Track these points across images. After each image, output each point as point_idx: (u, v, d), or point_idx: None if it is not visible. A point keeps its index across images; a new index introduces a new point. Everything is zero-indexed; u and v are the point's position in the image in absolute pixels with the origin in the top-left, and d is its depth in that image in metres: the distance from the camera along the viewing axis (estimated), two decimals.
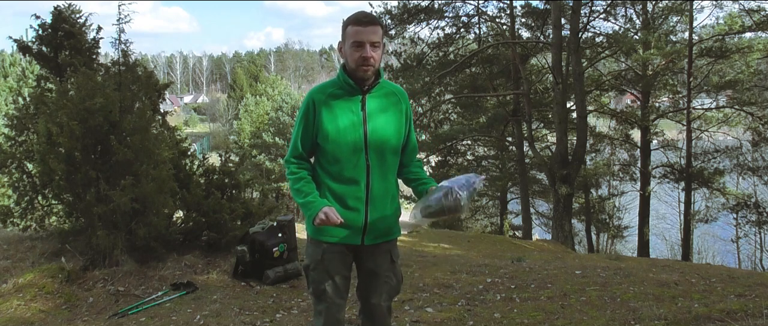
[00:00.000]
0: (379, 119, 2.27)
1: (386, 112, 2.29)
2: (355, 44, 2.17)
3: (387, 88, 2.33)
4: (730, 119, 16.83)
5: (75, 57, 6.12)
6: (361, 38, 2.15)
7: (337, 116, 2.23)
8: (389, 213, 2.35)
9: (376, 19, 2.24)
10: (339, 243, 2.32)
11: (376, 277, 2.41)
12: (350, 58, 2.20)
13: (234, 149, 29.36)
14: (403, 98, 2.36)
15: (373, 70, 2.21)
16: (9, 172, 5.70)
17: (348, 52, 2.20)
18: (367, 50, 2.16)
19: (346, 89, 2.26)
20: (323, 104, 2.25)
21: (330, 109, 2.24)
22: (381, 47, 2.22)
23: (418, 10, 17.11)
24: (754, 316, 3.32)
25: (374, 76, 2.26)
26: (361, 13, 2.23)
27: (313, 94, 2.29)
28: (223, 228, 5.61)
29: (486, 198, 21.29)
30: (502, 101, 18.30)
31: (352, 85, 2.24)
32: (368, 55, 2.16)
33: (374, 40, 2.17)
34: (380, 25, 2.23)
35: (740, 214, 16.25)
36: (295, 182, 2.30)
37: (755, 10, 14.70)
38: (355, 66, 2.19)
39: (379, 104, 2.29)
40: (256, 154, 28.22)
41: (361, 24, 2.17)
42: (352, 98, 2.26)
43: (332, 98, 2.25)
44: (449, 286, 4.84)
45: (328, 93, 2.27)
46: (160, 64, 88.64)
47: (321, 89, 2.30)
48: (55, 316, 4.30)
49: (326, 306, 2.36)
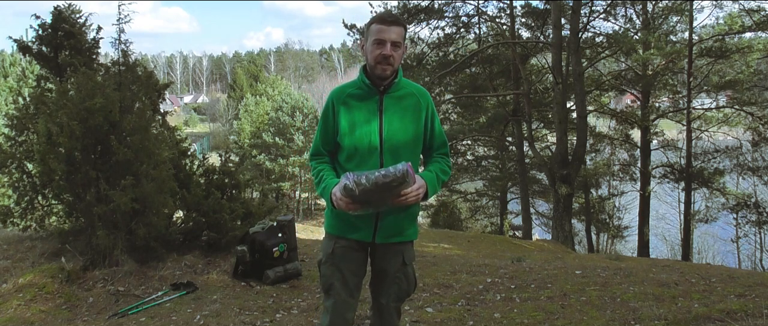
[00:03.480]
0: (395, 119, 2.29)
1: (403, 111, 2.31)
2: (377, 42, 2.21)
3: (406, 88, 2.35)
4: (730, 119, 16.83)
5: (75, 57, 6.12)
6: (383, 36, 2.20)
7: (354, 116, 2.28)
8: (402, 213, 2.35)
9: (400, 19, 2.29)
10: (351, 239, 2.35)
11: (386, 277, 2.42)
12: (371, 55, 2.24)
13: (234, 149, 29.37)
14: (423, 97, 2.36)
15: (391, 69, 2.24)
16: (9, 172, 5.69)
17: (369, 50, 2.24)
18: (388, 48, 2.20)
19: (364, 90, 2.30)
20: (342, 104, 2.30)
21: (348, 109, 2.29)
22: (402, 48, 2.26)
23: (418, 10, 17.11)
24: (754, 316, 3.33)
25: (393, 76, 2.28)
26: (386, 12, 2.30)
27: (333, 95, 2.35)
28: (223, 228, 5.61)
29: (486, 198, 21.31)
30: (502, 101, 18.30)
31: (370, 85, 2.28)
32: (388, 53, 2.20)
33: (395, 39, 2.21)
34: (403, 26, 2.27)
35: (740, 214, 16.25)
36: (315, 177, 2.36)
37: (755, 10, 14.71)
38: (374, 63, 2.23)
39: (397, 104, 2.31)
40: (256, 154, 28.22)
41: (385, 22, 2.22)
42: (370, 98, 2.30)
43: (351, 98, 2.31)
44: (449, 286, 4.84)
45: (347, 93, 2.32)
46: (160, 64, 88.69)
47: (341, 90, 2.35)
48: (55, 316, 4.29)
49: (334, 302, 2.36)
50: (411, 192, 2.15)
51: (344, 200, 2.13)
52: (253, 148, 28.75)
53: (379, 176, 2.09)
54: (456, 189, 21.17)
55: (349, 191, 2.10)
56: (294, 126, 28.22)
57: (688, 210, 16.75)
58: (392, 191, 2.12)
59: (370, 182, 2.08)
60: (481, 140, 20.02)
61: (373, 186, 2.08)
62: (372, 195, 2.12)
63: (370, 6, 17.89)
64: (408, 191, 2.14)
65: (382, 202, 2.17)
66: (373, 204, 2.16)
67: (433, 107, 2.40)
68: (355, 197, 2.11)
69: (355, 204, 2.14)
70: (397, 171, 2.09)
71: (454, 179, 20.36)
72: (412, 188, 2.15)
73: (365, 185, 2.08)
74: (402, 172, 2.08)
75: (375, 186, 2.08)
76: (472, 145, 20.33)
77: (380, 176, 2.09)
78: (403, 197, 2.15)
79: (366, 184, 2.08)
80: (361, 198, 2.12)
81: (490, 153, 20.89)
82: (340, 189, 2.14)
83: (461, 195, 21.32)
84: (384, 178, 2.08)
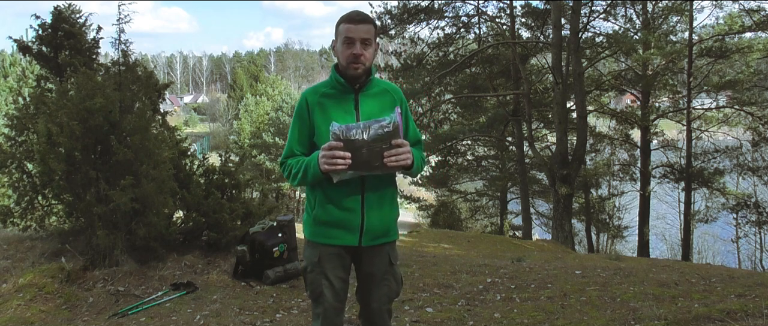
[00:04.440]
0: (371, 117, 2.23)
1: (380, 110, 2.26)
2: (346, 41, 2.17)
3: (380, 86, 2.32)
4: (730, 119, 16.84)
5: (75, 57, 6.11)
6: (352, 35, 2.16)
7: (330, 116, 2.21)
8: (386, 213, 2.32)
9: (368, 18, 2.23)
10: (336, 245, 2.30)
11: (374, 280, 2.38)
12: (341, 55, 2.20)
13: (234, 149, 29.35)
14: (396, 95, 2.33)
15: (363, 69, 2.20)
16: (9, 172, 5.68)
17: (340, 50, 2.21)
18: (358, 47, 2.16)
19: (338, 89, 2.26)
20: (316, 105, 2.25)
21: (323, 109, 2.24)
22: (373, 46, 2.22)
23: (418, 10, 17.11)
24: (754, 316, 3.32)
25: (366, 75, 2.25)
26: (354, 11, 2.23)
27: (306, 95, 2.29)
28: (223, 228, 5.60)
29: (486, 198, 21.30)
30: (502, 101, 18.30)
31: (344, 84, 2.24)
32: (358, 53, 2.16)
33: (365, 37, 2.17)
34: (373, 24, 2.22)
35: (740, 214, 16.25)
36: (293, 168, 2.27)
37: (755, 10, 14.71)
38: (345, 63, 2.19)
39: (373, 103, 2.27)
40: (256, 154, 28.22)
41: (353, 21, 2.17)
42: (345, 97, 2.25)
43: (325, 98, 2.26)
44: (449, 286, 4.84)
45: (321, 93, 2.27)
46: (160, 64, 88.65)
47: (314, 90, 2.30)
48: (55, 316, 4.29)
49: (324, 310, 2.34)
50: (402, 147, 2.09)
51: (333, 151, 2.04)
52: (253, 148, 28.75)
53: (371, 122, 2.07)
54: (456, 189, 21.17)
55: (341, 132, 2.05)
56: None
57: (688, 210, 16.75)
58: (384, 140, 2.07)
59: (359, 127, 2.06)
60: (481, 140, 20.02)
61: (363, 131, 2.05)
62: (364, 144, 2.06)
63: (371, 6, 17.87)
64: (399, 142, 2.08)
65: (373, 158, 2.09)
66: (364, 159, 2.08)
67: (406, 104, 2.37)
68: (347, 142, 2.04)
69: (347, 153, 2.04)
70: (390, 118, 2.08)
71: (454, 179, 20.36)
72: (402, 142, 2.10)
73: (354, 130, 2.06)
74: (393, 119, 2.07)
75: (365, 131, 2.05)
76: (472, 145, 20.32)
77: (371, 122, 2.07)
78: (395, 152, 2.08)
79: (355, 130, 2.06)
80: (352, 145, 2.05)
81: (490, 153, 20.88)
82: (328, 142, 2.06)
83: (461, 195, 21.31)
84: (375, 124, 2.06)
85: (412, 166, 2.19)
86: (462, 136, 18.48)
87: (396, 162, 2.10)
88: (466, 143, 19.69)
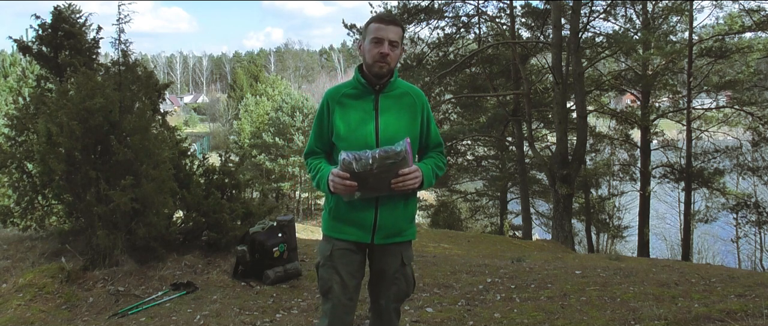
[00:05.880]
0: (390, 118, 2.30)
1: (399, 111, 2.32)
2: (375, 40, 2.24)
3: (401, 88, 2.37)
4: (730, 119, 16.83)
5: (75, 57, 6.11)
6: (381, 35, 2.23)
7: (349, 115, 2.29)
8: (400, 213, 2.34)
9: (398, 20, 2.32)
10: (349, 241, 2.34)
11: (384, 278, 2.41)
12: (368, 53, 2.26)
13: (234, 149, 29.37)
14: (418, 97, 2.38)
15: (388, 68, 2.26)
16: (9, 172, 5.69)
17: (367, 48, 2.27)
18: (385, 46, 2.23)
19: (359, 89, 2.32)
20: (337, 104, 2.32)
21: (343, 109, 2.31)
22: (400, 49, 2.30)
23: (418, 10, 17.11)
24: (754, 316, 3.32)
25: (389, 75, 2.30)
26: (385, 12, 2.35)
27: (328, 95, 2.37)
28: (223, 228, 5.60)
29: (486, 198, 21.31)
30: (502, 101, 18.30)
31: (365, 85, 2.30)
32: (386, 52, 2.23)
33: (393, 38, 2.24)
34: (402, 27, 2.31)
35: (740, 214, 16.24)
36: (312, 170, 2.38)
37: (755, 10, 14.70)
38: (371, 61, 2.26)
39: (392, 104, 2.32)
40: (256, 154, 28.21)
41: (383, 22, 2.27)
42: (365, 98, 2.31)
43: (347, 98, 2.33)
44: (449, 286, 4.84)
45: (342, 93, 2.34)
46: (160, 64, 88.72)
47: (336, 90, 2.37)
48: (55, 316, 4.29)
49: (332, 306, 2.34)
50: (409, 174, 2.17)
51: (342, 179, 2.13)
52: (253, 148, 28.75)
53: (379, 152, 2.12)
54: (456, 189, 21.18)
55: (348, 166, 2.12)
56: (294, 126, 28.22)
57: (688, 210, 16.74)
58: (391, 171, 2.13)
59: (368, 157, 2.11)
60: (481, 140, 20.03)
61: (371, 161, 2.10)
62: (370, 174, 2.13)
63: (370, 6, 17.89)
64: (406, 171, 2.16)
65: (380, 185, 2.17)
66: (370, 185, 2.16)
67: (428, 107, 2.42)
68: (353, 173, 2.12)
69: (353, 183, 2.13)
70: (397, 146, 2.13)
71: (454, 179, 20.37)
72: (410, 169, 2.17)
73: (364, 160, 2.11)
74: (401, 149, 2.12)
75: (374, 161, 2.10)
76: (472, 145, 20.34)
77: (380, 152, 2.12)
78: (402, 179, 2.16)
79: (365, 159, 2.11)
80: (359, 175, 2.12)
81: (490, 153, 20.90)
82: (338, 168, 2.15)
83: (461, 195, 21.33)
84: (383, 154, 2.11)
85: (420, 187, 2.27)
86: (462, 135, 18.49)
87: (403, 187, 2.19)
88: (466, 143, 19.70)
